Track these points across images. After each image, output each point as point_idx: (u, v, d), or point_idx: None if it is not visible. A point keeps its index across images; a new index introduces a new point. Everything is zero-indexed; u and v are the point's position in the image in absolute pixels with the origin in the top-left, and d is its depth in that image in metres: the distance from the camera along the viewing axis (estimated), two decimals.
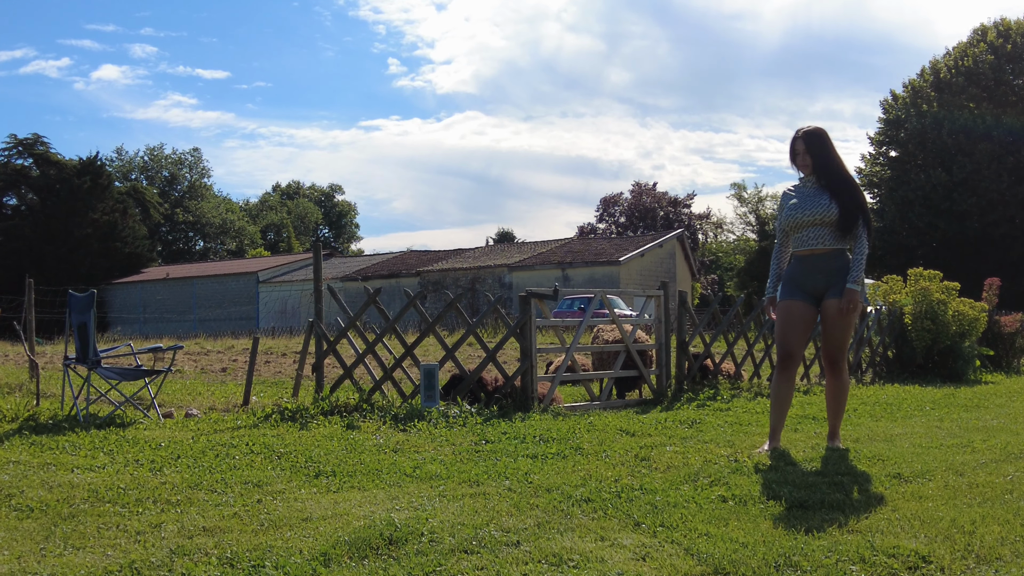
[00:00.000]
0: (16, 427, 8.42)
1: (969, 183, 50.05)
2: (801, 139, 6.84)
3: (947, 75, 53.06)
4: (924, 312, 14.60)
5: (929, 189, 51.25)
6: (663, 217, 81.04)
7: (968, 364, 14.62)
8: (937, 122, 51.85)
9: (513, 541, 4.29)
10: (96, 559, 4.05)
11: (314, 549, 4.16)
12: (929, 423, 8.72)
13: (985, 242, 49.52)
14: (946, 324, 14.51)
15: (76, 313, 9.15)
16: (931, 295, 14.69)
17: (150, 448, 7.16)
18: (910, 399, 11.03)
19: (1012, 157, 49.81)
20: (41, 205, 64.53)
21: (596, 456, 6.68)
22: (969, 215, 49.96)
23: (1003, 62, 52.02)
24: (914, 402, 10.69)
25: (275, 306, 58.66)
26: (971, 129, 50.65)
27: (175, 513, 4.97)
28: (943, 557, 4.02)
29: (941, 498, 5.20)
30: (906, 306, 14.87)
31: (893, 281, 15.81)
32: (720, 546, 4.15)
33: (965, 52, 53.35)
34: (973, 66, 52.25)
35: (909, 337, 14.72)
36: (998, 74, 51.84)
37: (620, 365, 10.67)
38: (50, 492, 5.50)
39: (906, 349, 14.77)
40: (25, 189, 66.23)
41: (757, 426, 8.37)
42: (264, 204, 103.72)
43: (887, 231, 54.06)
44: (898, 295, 15.27)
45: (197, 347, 26.77)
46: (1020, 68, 51.95)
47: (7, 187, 66.19)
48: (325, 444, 7.33)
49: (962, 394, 11.80)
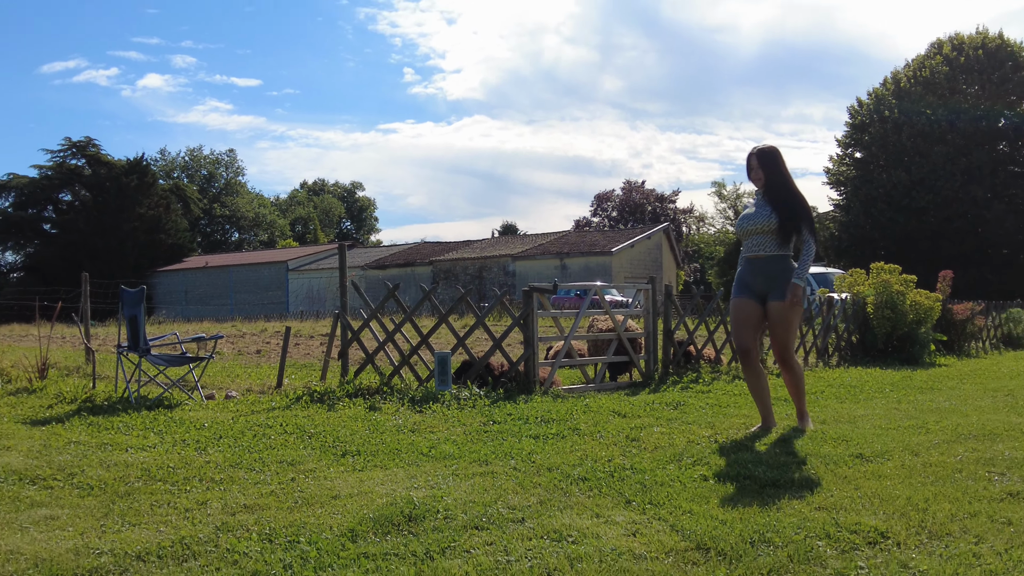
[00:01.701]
0: (75, 408, 8.47)
1: (926, 182, 49.95)
2: (755, 156, 6.88)
3: (907, 84, 52.94)
4: (885, 302, 14.62)
5: (890, 187, 51.15)
6: (651, 212, 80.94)
7: (924, 348, 14.64)
8: (898, 127, 51.74)
9: (518, 518, 4.34)
10: (150, 535, 4.10)
11: (342, 525, 4.21)
12: (888, 405, 8.73)
13: (940, 235, 49.42)
14: (904, 313, 14.53)
15: (128, 306, 9.19)
16: (891, 286, 14.71)
17: (195, 428, 7.21)
18: (871, 381, 11.05)
19: (965, 159, 49.68)
20: (93, 201, 64.53)
21: (591, 436, 6.71)
22: (926, 211, 49.86)
23: (957, 73, 51.85)
24: (875, 384, 10.70)
25: (303, 292, 58.73)
26: (928, 133, 50.54)
27: (219, 491, 5.02)
28: (899, 533, 4.06)
29: (898, 477, 5.22)
30: (869, 296, 14.88)
31: (857, 274, 15.83)
32: (702, 523, 4.19)
33: (923, 64, 53.21)
34: (930, 76, 52.11)
35: (871, 324, 14.73)
36: (952, 84, 51.69)
37: (613, 351, 10.71)
38: (108, 471, 5.54)
39: (868, 335, 14.79)
40: (79, 187, 66.22)
41: (735, 408, 8.38)
42: (293, 199, 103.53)
43: (852, 225, 54.00)
44: (862, 286, 15.28)
45: (234, 330, 26.75)
46: (972, 78, 51.79)
47: (63, 185, 66.21)
48: (350, 425, 7.37)
49: (918, 376, 11.82)
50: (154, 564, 3.69)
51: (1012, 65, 51.55)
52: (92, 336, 14.91)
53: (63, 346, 17.65)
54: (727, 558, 3.72)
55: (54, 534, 4.12)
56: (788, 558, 3.70)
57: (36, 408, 8.61)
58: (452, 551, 3.82)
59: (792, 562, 3.67)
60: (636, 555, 3.75)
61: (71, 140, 66.67)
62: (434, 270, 53.10)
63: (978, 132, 50.25)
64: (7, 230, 64.85)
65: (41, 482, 5.27)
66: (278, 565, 3.63)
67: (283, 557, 3.74)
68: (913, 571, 3.57)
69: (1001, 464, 5.56)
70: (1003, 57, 51.74)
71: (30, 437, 6.88)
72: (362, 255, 61.62)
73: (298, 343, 19.70)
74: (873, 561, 3.70)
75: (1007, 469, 5.41)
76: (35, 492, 5.02)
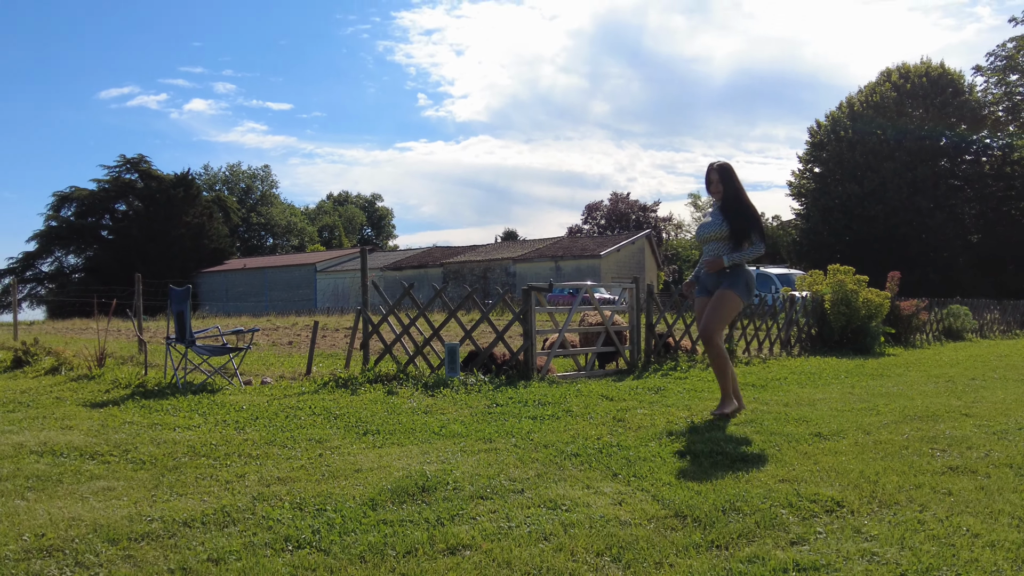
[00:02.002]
0: (129, 392, 8.47)
1: (876, 194, 49.95)
2: (716, 171, 6.78)
3: (860, 108, 52.92)
4: (840, 299, 14.59)
5: (845, 198, 51.14)
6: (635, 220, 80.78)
7: (875, 340, 14.60)
8: (852, 145, 51.74)
9: (518, 489, 4.32)
10: (195, 504, 4.09)
11: (364, 495, 4.21)
12: (843, 389, 8.71)
13: (889, 240, 49.40)
14: (857, 309, 14.50)
15: (175, 303, 9.18)
16: (846, 286, 14.68)
17: (234, 411, 7.20)
18: (829, 369, 11.03)
19: (910, 173, 49.65)
20: (144, 211, 64.48)
21: (583, 417, 6.69)
22: (876, 219, 49.85)
23: (904, 98, 51.81)
24: (832, 371, 10.67)
25: (329, 290, 58.66)
26: (878, 151, 50.52)
27: (255, 465, 5.01)
28: (853, 502, 4.05)
29: (852, 453, 5.21)
30: (826, 294, 14.85)
31: (816, 274, 15.79)
32: (679, 493, 4.18)
33: (874, 90, 53.20)
34: (880, 101, 52.08)
35: (828, 319, 14.69)
36: (900, 107, 51.65)
37: (601, 342, 10.69)
38: (158, 448, 5.54)
39: (826, 328, 14.75)
40: (132, 198, 66.14)
41: (708, 392, 8.35)
42: (320, 209, 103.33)
43: (811, 231, 54.03)
44: (820, 286, 15.24)
45: (268, 323, 26.76)
46: (917, 103, 51.73)
47: (118, 197, 66.14)
48: (371, 407, 7.35)
49: (870, 365, 11.79)
50: (199, 529, 3.68)
51: (952, 91, 51.60)
52: (143, 329, 14.91)
53: (118, 338, 17.64)
54: (702, 524, 3.71)
55: (111, 503, 4.12)
56: (756, 524, 3.70)
57: (95, 392, 8.62)
58: (460, 518, 3.81)
59: (759, 528, 3.66)
60: (622, 522, 3.74)
61: (125, 157, 66.63)
62: (444, 271, 53.00)
63: (922, 150, 50.26)
64: (70, 236, 64.81)
65: (99, 457, 5.27)
66: (308, 530, 3.62)
67: (312, 523, 3.73)
68: (865, 536, 3.57)
69: (943, 442, 5.55)
70: (944, 84, 51.77)
71: (90, 418, 6.88)
72: (381, 258, 61.54)
73: (325, 335, 19.68)
74: (830, 527, 3.69)
75: (948, 446, 5.40)
76: (94, 466, 5.02)
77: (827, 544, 3.46)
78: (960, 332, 19.87)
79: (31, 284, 65.06)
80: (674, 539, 3.51)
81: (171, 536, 3.58)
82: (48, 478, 4.67)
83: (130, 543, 3.48)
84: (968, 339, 19.72)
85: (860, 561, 3.26)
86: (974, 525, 3.68)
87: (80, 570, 3.19)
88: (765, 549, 3.37)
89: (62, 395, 8.53)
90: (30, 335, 17.92)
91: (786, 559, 3.25)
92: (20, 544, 3.46)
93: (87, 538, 3.54)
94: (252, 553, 3.34)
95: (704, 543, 3.46)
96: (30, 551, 3.38)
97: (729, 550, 3.39)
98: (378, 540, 3.48)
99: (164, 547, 3.44)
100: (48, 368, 10.55)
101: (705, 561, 3.25)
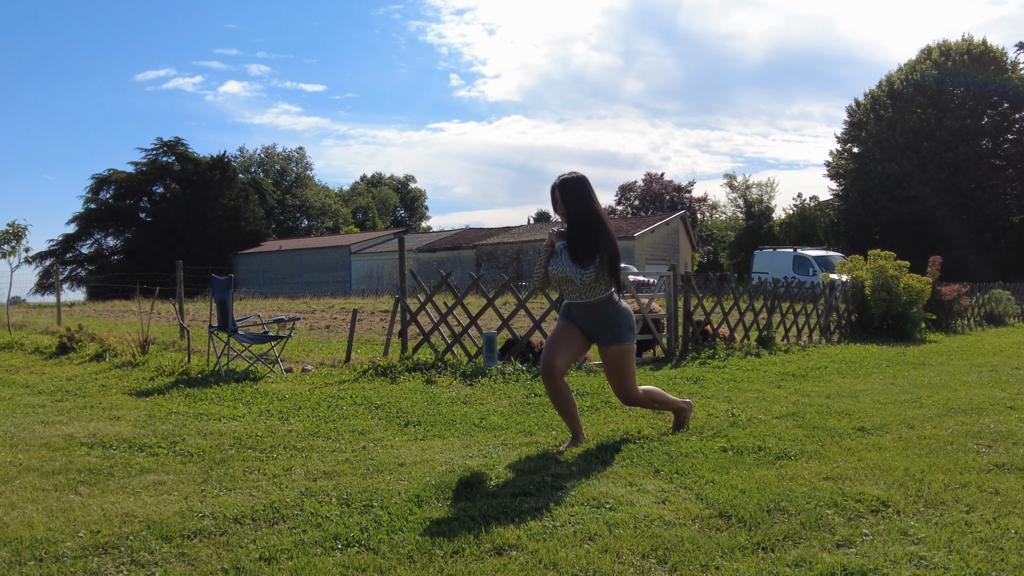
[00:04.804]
0: (173, 380, 8.59)
1: (916, 174, 49.16)
2: (558, 188, 5.26)
3: (899, 86, 52.00)
4: (881, 285, 14.43)
5: (884, 179, 50.37)
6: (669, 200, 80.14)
7: (915, 327, 14.44)
8: (892, 124, 50.91)
9: (562, 486, 4.32)
10: (244, 499, 4.15)
11: (409, 491, 4.24)
12: (885, 380, 8.63)
13: (928, 221, 48.64)
14: (898, 295, 14.35)
15: (218, 292, 9.29)
16: (887, 271, 14.52)
17: (277, 400, 7.28)
18: (869, 357, 10.92)
19: (951, 153, 48.79)
20: (182, 193, 65.07)
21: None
22: (916, 200, 49.09)
23: (944, 76, 50.85)
24: (872, 360, 10.57)
25: (363, 272, 58.98)
26: (918, 130, 49.68)
27: (301, 458, 5.07)
28: (899, 502, 4.03)
29: (896, 449, 5.17)
30: (866, 280, 14.70)
31: (856, 260, 15.64)
32: (723, 492, 4.17)
33: (914, 68, 52.22)
34: (920, 80, 51.13)
35: (869, 305, 14.55)
36: (940, 86, 50.68)
37: (638, 330, 10.65)
38: (204, 439, 5.62)
39: (866, 314, 14.61)
40: (169, 180, 66.71)
41: (748, 383, 8.30)
42: (354, 191, 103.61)
43: (850, 212, 53.38)
44: (860, 271, 15.09)
45: (304, 306, 26.97)
46: (958, 81, 50.74)
47: (155, 179, 66.80)
48: (410, 397, 7.40)
49: (911, 352, 11.66)
50: (249, 526, 3.74)
51: (994, 68, 50.52)
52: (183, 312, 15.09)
53: (159, 322, 17.89)
54: (747, 525, 3.70)
55: (162, 498, 4.19)
56: (801, 525, 3.68)
57: (139, 380, 8.76)
58: (505, 516, 3.82)
59: (805, 529, 3.65)
60: (666, 522, 3.74)
61: (162, 140, 67.18)
62: (477, 253, 53.05)
63: (963, 129, 49.32)
64: (109, 218, 65.59)
65: (148, 449, 5.36)
66: (356, 528, 3.67)
67: (360, 520, 3.77)
68: (912, 538, 3.54)
69: (988, 437, 5.49)
70: (986, 61, 50.69)
71: (136, 407, 6.99)
72: (414, 240, 61.68)
73: (360, 319, 19.81)
74: (876, 528, 3.67)
75: (993, 441, 5.34)
76: (143, 459, 5.11)
77: (873, 547, 3.44)
78: (1002, 317, 19.60)
79: (71, 266, 66.01)
80: (719, 540, 3.51)
81: (223, 533, 3.65)
82: (99, 471, 4.77)
83: (183, 540, 3.55)
84: (1010, 324, 19.45)
85: (908, 565, 3.24)
86: (1022, 528, 3.65)
87: (136, 568, 3.26)
88: (812, 552, 3.37)
89: (107, 383, 8.68)
90: (73, 319, 18.24)
91: (833, 563, 3.24)
92: (77, 541, 3.54)
93: (141, 535, 3.61)
94: (303, 552, 3.39)
95: (750, 545, 3.46)
96: (87, 548, 3.46)
97: (775, 552, 3.39)
98: (425, 539, 3.51)
99: (216, 544, 3.51)
100: (93, 355, 10.73)
101: (752, 564, 3.25)
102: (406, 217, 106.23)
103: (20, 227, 18.08)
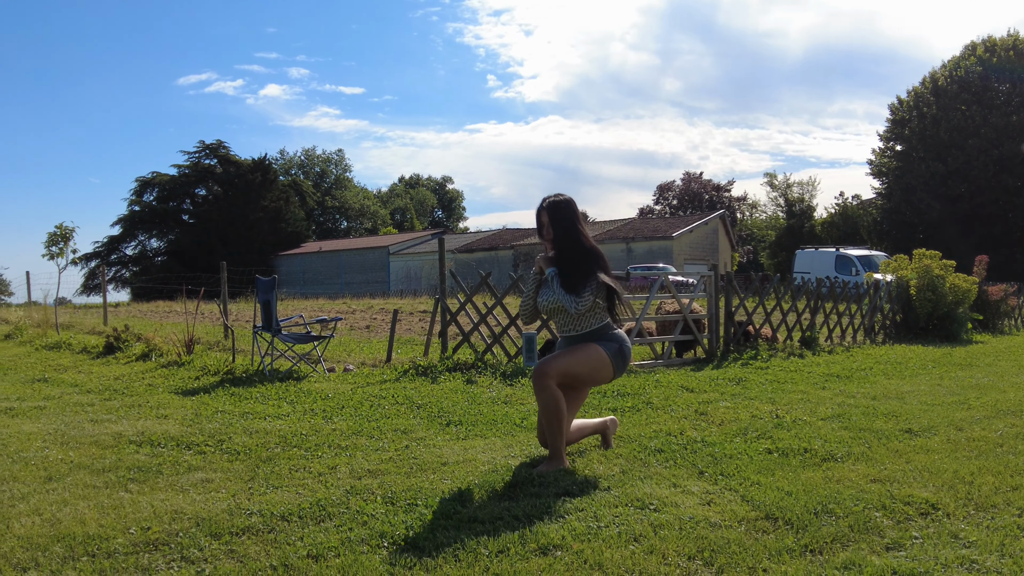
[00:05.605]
0: (218, 379, 8.71)
1: (961, 172, 48.36)
2: (546, 211, 4.91)
3: (944, 83, 51.15)
4: (926, 285, 14.22)
5: (928, 177, 49.60)
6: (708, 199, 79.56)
7: (962, 327, 14.21)
8: (935, 122, 50.12)
9: (605, 487, 4.32)
10: (291, 497, 4.19)
11: (452, 490, 4.26)
12: (932, 381, 8.50)
13: (973, 220, 47.81)
14: (944, 294, 14.13)
15: (262, 293, 9.39)
16: (932, 271, 14.30)
17: (320, 399, 7.34)
18: (915, 358, 10.76)
19: (996, 150, 47.89)
20: (224, 195, 65.92)
21: (663, 410, 6.66)
22: (960, 198, 48.31)
23: (990, 72, 49.92)
24: (918, 361, 10.41)
25: (402, 272, 59.31)
26: (963, 128, 48.84)
27: (345, 457, 5.11)
28: (948, 505, 3.97)
29: (945, 451, 5.10)
30: (911, 280, 14.49)
31: (900, 259, 15.42)
32: (769, 494, 4.13)
33: (958, 64, 51.35)
34: (965, 76, 50.26)
35: (914, 305, 14.34)
36: (985, 82, 49.76)
37: (679, 331, 10.61)
38: (250, 438, 5.68)
39: (911, 315, 14.40)
40: (212, 182, 67.62)
41: (792, 384, 8.23)
42: (392, 192, 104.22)
43: (893, 211, 52.68)
44: (905, 271, 14.88)
45: (345, 306, 27.16)
46: (1003, 77, 49.79)
47: (198, 181, 67.74)
48: (451, 396, 7.43)
49: (957, 353, 11.47)
50: (296, 524, 3.78)
51: None
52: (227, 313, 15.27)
53: (202, 322, 18.11)
54: (794, 527, 3.67)
55: (210, 496, 4.24)
56: (849, 528, 3.64)
57: (185, 379, 8.88)
58: (549, 517, 3.82)
59: (853, 532, 3.60)
60: (712, 523, 3.72)
61: (204, 143, 68.16)
62: (515, 253, 53.06)
63: (1009, 126, 48.36)
64: (152, 220, 66.64)
65: (195, 447, 5.44)
66: (401, 527, 3.68)
67: (405, 519, 3.79)
68: (963, 542, 3.49)
69: None
70: None
71: (183, 406, 7.09)
72: (452, 240, 61.89)
73: (400, 319, 19.90)
74: (926, 531, 3.62)
75: None
76: (191, 457, 5.18)
77: (924, 550, 3.39)
78: None
79: (116, 267, 67.17)
80: (766, 543, 3.47)
81: (270, 530, 3.68)
82: (148, 469, 4.84)
83: (232, 537, 3.60)
84: None
85: (959, 569, 3.19)
86: None
87: (186, 565, 3.30)
88: (860, 555, 3.32)
89: (154, 382, 8.82)
90: (119, 319, 18.55)
91: (883, 566, 3.19)
92: (128, 538, 3.60)
93: (190, 532, 3.66)
94: (350, 549, 3.42)
95: (797, 548, 3.42)
96: (137, 545, 3.52)
97: (824, 555, 3.35)
98: (470, 538, 3.52)
99: (264, 542, 3.55)
100: (139, 354, 10.90)
101: (800, 567, 3.21)
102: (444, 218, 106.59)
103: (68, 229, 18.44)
